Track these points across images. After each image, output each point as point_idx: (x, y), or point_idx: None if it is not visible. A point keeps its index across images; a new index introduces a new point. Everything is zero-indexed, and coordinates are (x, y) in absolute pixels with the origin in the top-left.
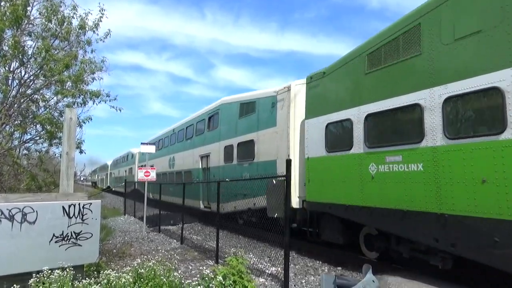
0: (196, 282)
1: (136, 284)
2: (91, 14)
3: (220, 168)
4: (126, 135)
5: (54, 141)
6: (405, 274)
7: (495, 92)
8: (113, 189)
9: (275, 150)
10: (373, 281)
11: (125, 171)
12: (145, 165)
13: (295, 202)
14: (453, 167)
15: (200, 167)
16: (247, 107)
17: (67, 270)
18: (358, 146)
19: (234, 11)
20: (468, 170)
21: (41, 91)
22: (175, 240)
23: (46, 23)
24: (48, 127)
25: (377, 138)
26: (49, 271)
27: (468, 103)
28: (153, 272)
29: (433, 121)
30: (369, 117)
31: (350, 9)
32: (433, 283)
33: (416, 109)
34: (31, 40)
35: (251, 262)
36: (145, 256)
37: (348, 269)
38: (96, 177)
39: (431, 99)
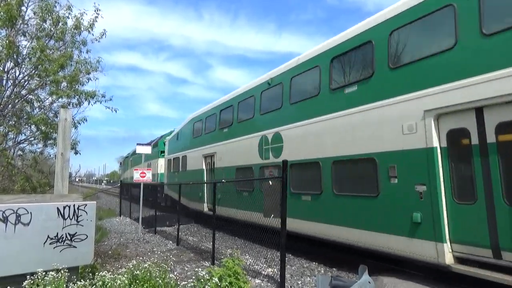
0: (192, 284)
1: (132, 286)
2: (86, 14)
3: None
4: (122, 136)
5: (48, 142)
6: (400, 275)
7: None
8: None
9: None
10: (369, 282)
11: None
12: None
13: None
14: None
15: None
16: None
17: (62, 272)
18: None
19: (231, 12)
20: None
21: (35, 92)
22: (171, 242)
23: (41, 23)
24: (42, 128)
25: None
26: (44, 273)
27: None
28: (148, 274)
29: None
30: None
31: (346, 10)
32: (428, 284)
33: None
34: (26, 40)
35: (247, 263)
36: (141, 258)
37: (344, 270)
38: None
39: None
